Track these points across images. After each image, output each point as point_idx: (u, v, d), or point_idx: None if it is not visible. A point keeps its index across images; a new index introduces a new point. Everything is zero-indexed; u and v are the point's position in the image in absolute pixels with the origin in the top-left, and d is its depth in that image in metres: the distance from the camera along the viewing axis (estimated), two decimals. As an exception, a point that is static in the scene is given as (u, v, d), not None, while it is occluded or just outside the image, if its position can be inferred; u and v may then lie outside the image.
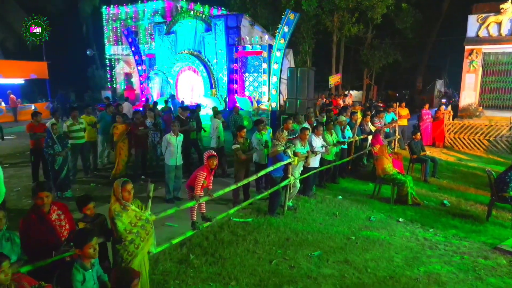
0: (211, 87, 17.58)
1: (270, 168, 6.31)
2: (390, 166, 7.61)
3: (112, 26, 26.90)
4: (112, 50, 27.28)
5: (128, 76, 27.11)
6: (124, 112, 13.22)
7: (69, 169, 7.75)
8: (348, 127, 9.32)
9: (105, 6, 27.01)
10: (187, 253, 5.14)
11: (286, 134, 6.52)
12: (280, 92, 17.05)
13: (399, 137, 12.40)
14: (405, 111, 12.96)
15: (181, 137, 7.61)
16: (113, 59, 27.52)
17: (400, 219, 6.58)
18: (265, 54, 16.38)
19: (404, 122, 12.90)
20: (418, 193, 7.93)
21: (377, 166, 7.72)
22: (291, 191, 6.87)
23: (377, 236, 5.86)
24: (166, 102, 16.06)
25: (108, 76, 28.20)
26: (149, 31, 24.25)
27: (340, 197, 7.73)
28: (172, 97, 16.98)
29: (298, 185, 7.04)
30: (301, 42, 20.93)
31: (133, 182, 3.73)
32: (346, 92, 24.82)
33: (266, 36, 17.05)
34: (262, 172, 6.44)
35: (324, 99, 18.34)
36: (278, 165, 6.31)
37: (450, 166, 10.74)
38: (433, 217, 6.72)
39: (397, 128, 12.29)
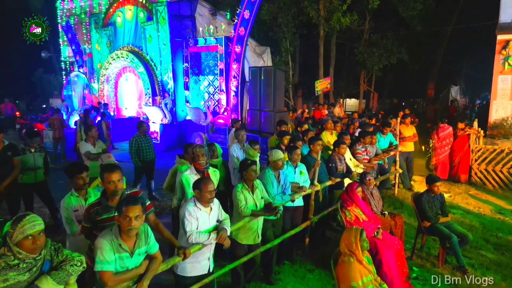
0: (154, 94, 13.35)
1: None
2: (367, 281, 3.19)
3: (65, 22, 22.95)
4: (68, 51, 23.32)
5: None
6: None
7: None
8: (301, 167, 4.97)
9: (59, 0, 23.11)
10: None
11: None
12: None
13: (401, 171, 7.99)
14: (410, 131, 8.54)
15: None
16: (68, 62, 23.55)
17: None
18: (221, 49, 12.13)
19: (409, 147, 8.48)
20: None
21: (338, 278, 3.30)
22: None
23: None
24: (85, 114, 11.87)
25: (64, 81, 24.22)
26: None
27: None
28: (97, 108, 12.83)
29: None
30: (281, 38, 16.65)
31: None
32: (342, 101, 20.49)
33: (223, 26, 12.82)
34: None
35: (305, 110, 13.98)
36: None
37: (487, 229, 6.26)
38: None
39: (398, 158, 7.89)
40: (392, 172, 7.81)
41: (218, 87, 12.52)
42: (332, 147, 6.07)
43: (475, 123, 9.90)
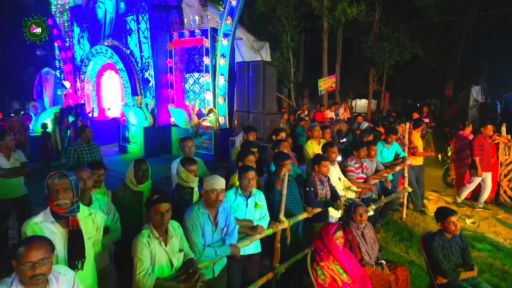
0: (135, 93, 11.99)
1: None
2: None
3: (59, 19, 21.92)
4: (61, 49, 22.31)
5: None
6: None
7: None
8: (257, 196, 3.46)
9: (54, -5, 22.12)
10: None
11: None
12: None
13: (410, 190, 6.36)
14: (415, 137, 6.87)
15: None
16: (61, 60, 22.51)
17: None
18: (206, 42, 10.66)
19: (418, 160, 6.80)
20: None
21: None
22: None
23: None
24: (60, 113, 10.75)
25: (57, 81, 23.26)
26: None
27: None
28: (70, 107, 11.57)
29: None
30: (281, 32, 15.10)
31: None
32: (349, 101, 18.79)
33: (210, 17, 11.38)
34: None
35: (305, 111, 12.40)
36: None
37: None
38: None
39: (406, 173, 6.26)
40: (400, 192, 6.21)
41: (204, 85, 11.05)
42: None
43: (503, 129, 8.15)
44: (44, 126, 10.55)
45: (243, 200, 3.34)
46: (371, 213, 5.25)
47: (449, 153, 8.86)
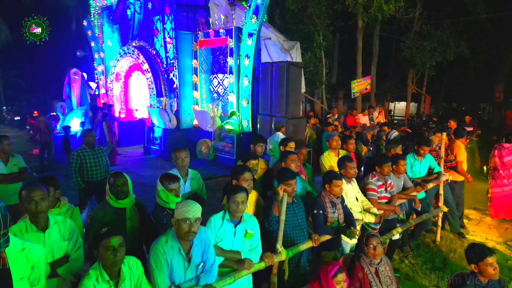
0: (160, 95, 11.82)
1: None
2: None
3: (97, 21, 22.49)
4: (100, 49, 22.90)
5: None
6: None
7: None
8: (249, 222, 2.93)
9: (92, -3, 22.75)
10: None
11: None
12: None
13: (446, 210, 5.54)
14: (463, 151, 6.00)
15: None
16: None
17: None
18: (231, 42, 10.24)
19: (457, 175, 5.91)
20: None
21: None
22: None
23: None
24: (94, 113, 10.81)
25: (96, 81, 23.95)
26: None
27: None
28: (97, 108, 11.59)
29: None
30: (312, 31, 14.41)
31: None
32: (387, 104, 17.69)
33: (235, 16, 10.95)
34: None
35: (335, 115, 11.65)
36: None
37: None
38: None
39: (442, 190, 5.45)
40: (434, 211, 5.42)
41: (227, 87, 10.65)
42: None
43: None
44: (82, 124, 10.63)
45: (231, 227, 2.83)
46: (396, 236, 4.57)
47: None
